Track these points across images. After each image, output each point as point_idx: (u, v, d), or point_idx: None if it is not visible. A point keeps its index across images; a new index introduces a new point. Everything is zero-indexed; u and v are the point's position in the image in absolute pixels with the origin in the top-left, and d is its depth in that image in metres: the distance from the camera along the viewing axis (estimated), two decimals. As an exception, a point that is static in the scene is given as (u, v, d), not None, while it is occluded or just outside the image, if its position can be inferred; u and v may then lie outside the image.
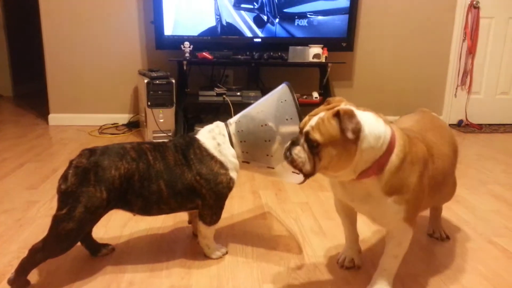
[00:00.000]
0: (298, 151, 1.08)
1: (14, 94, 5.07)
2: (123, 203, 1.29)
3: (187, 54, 3.07)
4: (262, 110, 1.39)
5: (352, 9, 3.26)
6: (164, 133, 2.98)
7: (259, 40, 3.26)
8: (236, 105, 3.04)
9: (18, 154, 2.66)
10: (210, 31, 3.21)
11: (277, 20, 3.24)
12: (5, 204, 1.88)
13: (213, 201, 1.36)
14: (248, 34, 3.25)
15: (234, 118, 1.44)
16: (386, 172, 1.09)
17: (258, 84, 3.42)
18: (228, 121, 1.44)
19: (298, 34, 3.28)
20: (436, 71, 3.76)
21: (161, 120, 2.96)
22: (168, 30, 3.16)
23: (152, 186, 1.29)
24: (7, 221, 1.71)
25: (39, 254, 1.20)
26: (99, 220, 1.27)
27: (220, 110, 3.39)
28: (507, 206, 1.99)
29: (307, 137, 1.07)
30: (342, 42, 3.32)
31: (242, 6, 3.19)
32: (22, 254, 1.25)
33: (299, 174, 1.13)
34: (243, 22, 3.22)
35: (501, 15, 3.66)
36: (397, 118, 1.49)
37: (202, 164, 1.34)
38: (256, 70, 3.43)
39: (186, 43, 3.06)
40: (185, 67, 3.12)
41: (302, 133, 1.10)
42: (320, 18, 3.26)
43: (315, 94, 3.31)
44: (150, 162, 1.31)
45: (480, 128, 3.71)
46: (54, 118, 3.53)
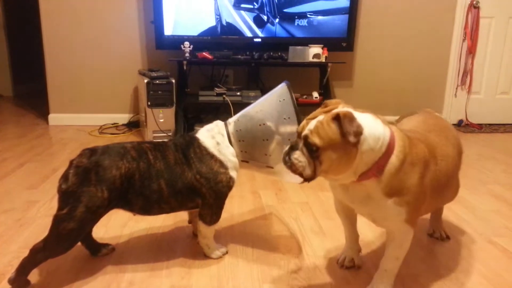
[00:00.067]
0: (297, 156, 1.07)
1: (14, 94, 5.07)
2: (124, 203, 1.29)
3: (187, 54, 3.07)
4: (261, 110, 1.39)
5: (352, 9, 3.26)
6: (164, 133, 2.98)
7: (259, 40, 3.26)
8: (236, 105, 3.05)
9: (18, 154, 2.66)
10: (210, 31, 3.21)
11: (277, 20, 3.24)
12: (5, 204, 1.88)
13: (213, 200, 1.36)
14: (248, 34, 3.25)
15: (234, 117, 1.44)
16: (386, 173, 1.08)
17: (258, 84, 3.42)
18: (227, 120, 1.45)
19: (298, 34, 3.28)
20: (436, 71, 3.76)
21: (161, 120, 2.96)
22: (168, 30, 3.16)
23: (152, 185, 1.29)
24: (7, 221, 1.71)
25: (40, 254, 1.21)
26: (100, 220, 1.27)
27: (220, 110, 3.39)
28: (507, 206, 1.99)
29: (306, 141, 1.05)
30: (342, 42, 3.32)
31: (242, 6, 3.19)
32: (22, 254, 1.25)
33: None
34: (243, 22, 3.22)
35: (501, 15, 3.66)
36: (397, 118, 1.49)
37: (202, 163, 1.34)
38: (256, 70, 3.43)
39: (186, 43, 3.07)
40: (185, 67, 3.13)
41: (300, 137, 1.08)
42: (320, 18, 3.26)
43: (315, 94, 3.31)
44: (150, 161, 1.31)
45: (480, 128, 3.71)
46: (54, 118, 3.53)
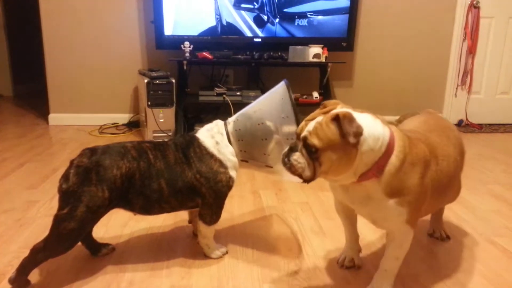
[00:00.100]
0: (297, 157, 1.06)
1: (14, 94, 5.07)
2: (125, 202, 1.29)
3: (187, 54, 3.07)
4: (260, 109, 1.39)
5: (352, 9, 3.26)
6: (164, 133, 2.98)
7: (259, 40, 3.26)
8: (236, 105, 3.04)
9: (18, 154, 2.66)
10: (210, 31, 3.21)
11: (277, 20, 3.24)
12: (5, 204, 1.88)
13: (212, 199, 1.36)
14: (248, 34, 3.25)
15: (233, 116, 1.44)
16: (386, 173, 1.08)
17: (258, 84, 3.42)
18: (227, 119, 1.45)
19: (298, 34, 3.28)
20: (436, 71, 3.76)
21: (161, 120, 2.96)
22: (168, 30, 3.16)
23: (153, 184, 1.29)
24: (7, 221, 1.71)
25: (41, 254, 1.21)
26: (100, 219, 1.27)
27: (220, 110, 3.39)
28: (507, 206, 1.99)
29: (305, 142, 1.05)
30: (342, 42, 3.32)
31: (242, 6, 3.19)
32: (22, 254, 1.25)
33: None
34: (243, 22, 3.22)
35: (501, 15, 3.66)
36: (397, 118, 1.50)
37: (202, 162, 1.34)
38: (256, 70, 3.43)
39: (186, 43, 3.07)
40: (185, 67, 3.13)
41: (299, 138, 1.08)
42: (320, 18, 3.26)
43: (315, 94, 3.31)
44: (150, 161, 1.31)
45: (480, 128, 3.71)
46: (54, 118, 3.53)
